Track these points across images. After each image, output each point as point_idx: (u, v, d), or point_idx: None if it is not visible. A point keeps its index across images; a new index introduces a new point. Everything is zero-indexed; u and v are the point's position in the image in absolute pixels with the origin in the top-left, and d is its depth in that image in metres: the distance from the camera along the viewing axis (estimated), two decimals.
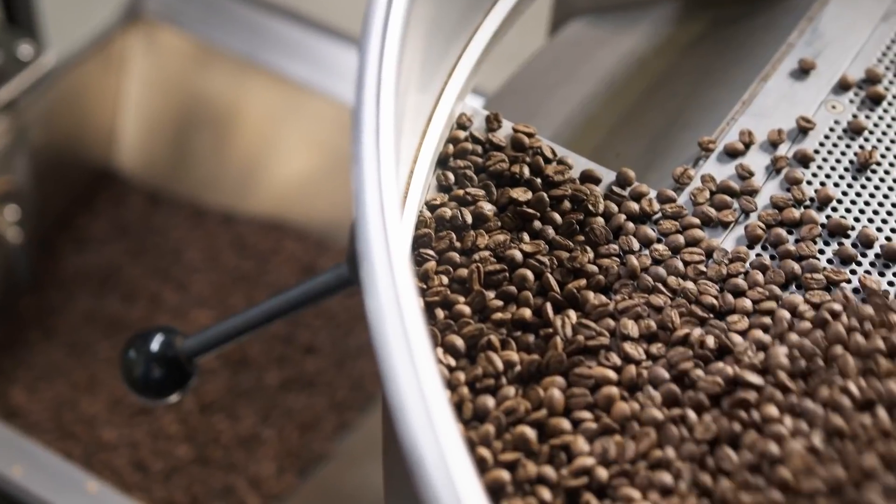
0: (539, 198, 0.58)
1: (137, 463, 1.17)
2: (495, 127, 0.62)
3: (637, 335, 0.54)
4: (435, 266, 0.56)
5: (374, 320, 0.43)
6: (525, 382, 0.52)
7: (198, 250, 1.35)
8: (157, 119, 1.40)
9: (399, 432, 0.40)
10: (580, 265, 0.56)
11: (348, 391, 1.23)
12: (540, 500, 0.49)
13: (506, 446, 0.50)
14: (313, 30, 1.32)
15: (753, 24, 0.73)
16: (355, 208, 0.46)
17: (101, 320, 1.29)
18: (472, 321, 0.54)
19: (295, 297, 0.73)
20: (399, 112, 0.50)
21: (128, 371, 0.75)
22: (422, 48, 0.56)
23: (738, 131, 0.63)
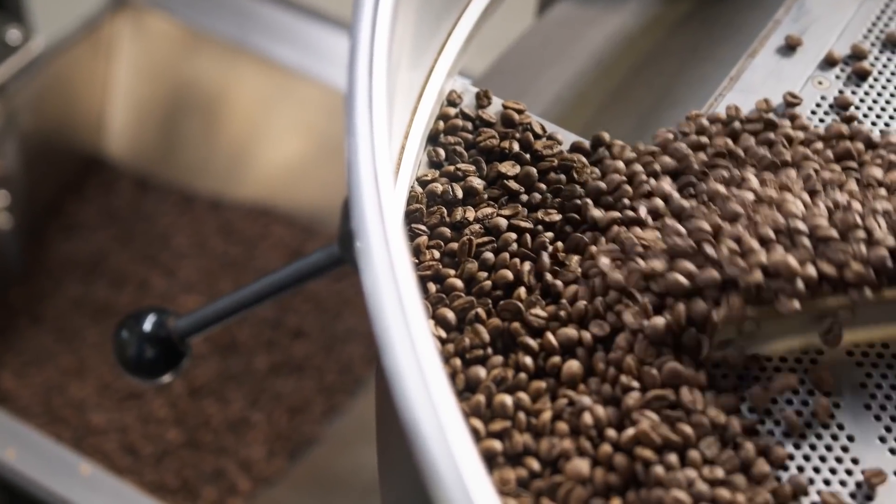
0: (527, 172, 0.59)
1: (127, 447, 1.18)
2: (485, 104, 0.62)
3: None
4: (426, 241, 0.56)
5: (370, 291, 0.43)
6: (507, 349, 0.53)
7: (186, 236, 1.35)
8: (145, 104, 1.40)
9: (398, 405, 0.41)
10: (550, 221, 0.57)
11: (337, 375, 1.24)
12: (530, 470, 0.49)
13: (494, 415, 0.50)
14: (302, 14, 1.32)
15: (740, 2, 0.73)
16: (349, 181, 0.46)
17: (89, 306, 1.30)
18: (462, 294, 0.54)
19: (286, 277, 0.73)
20: (391, 88, 0.50)
21: (120, 351, 0.75)
22: (412, 25, 0.56)
23: (726, 106, 0.63)
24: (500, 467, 0.49)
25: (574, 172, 0.59)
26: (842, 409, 0.53)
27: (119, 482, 0.99)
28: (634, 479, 0.49)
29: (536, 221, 0.57)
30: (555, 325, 0.53)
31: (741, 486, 0.49)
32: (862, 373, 0.54)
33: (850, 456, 0.51)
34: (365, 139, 0.47)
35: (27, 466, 0.98)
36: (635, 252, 0.54)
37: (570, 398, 0.51)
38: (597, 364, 0.52)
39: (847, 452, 0.51)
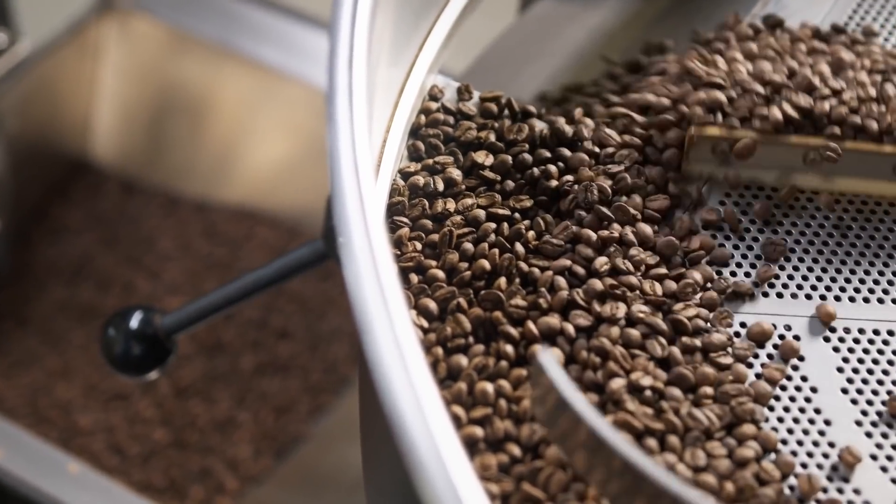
0: (502, 160, 0.59)
1: (114, 447, 1.18)
2: (466, 98, 0.63)
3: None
4: (408, 232, 0.57)
5: (351, 283, 0.44)
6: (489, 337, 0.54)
7: (170, 238, 1.36)
8: (132, 107, 1.41)
9: (379, 393, 0.41)
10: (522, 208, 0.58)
11: (322, 374, 1.24)
12: (511, 456, 0.50)
13: (476, 403, 0.51)
14: (287, 15, 1.33)
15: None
16: (331, 176, 0.47)
17: (74, 309, 1.30)
18: (444, 284, 0.55)
19: (271, 273, 0.74)
20: (371, 85, 0.51)
21: (107, 349, 0.76)
22: (391, 23, 0.57)
23: None
24: (482, 453, 0.50)
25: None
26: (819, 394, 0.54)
27: (108, 482, 0.99)
28: None
29: (512, 209, 0.58)
30: (535, 314, 0.54)
31: (725, 470, 0.50)
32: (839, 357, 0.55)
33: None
34: (346, 134, 0.47)
35: (16, 466, 0.99)
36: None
37: None
38: (579, 352, 0.53)
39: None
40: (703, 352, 0.54)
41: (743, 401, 0.52)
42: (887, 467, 0.51)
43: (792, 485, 0.51)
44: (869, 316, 0.56)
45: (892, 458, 0.52)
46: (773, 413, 0.53)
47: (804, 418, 0.53)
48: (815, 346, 0.55)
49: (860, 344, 0.55)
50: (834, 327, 0.56)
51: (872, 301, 0.57)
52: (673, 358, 0.53)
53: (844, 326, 0.56)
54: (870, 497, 0.50)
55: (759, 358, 0.54)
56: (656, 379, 0.52)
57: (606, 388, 0.51)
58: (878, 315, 0.56)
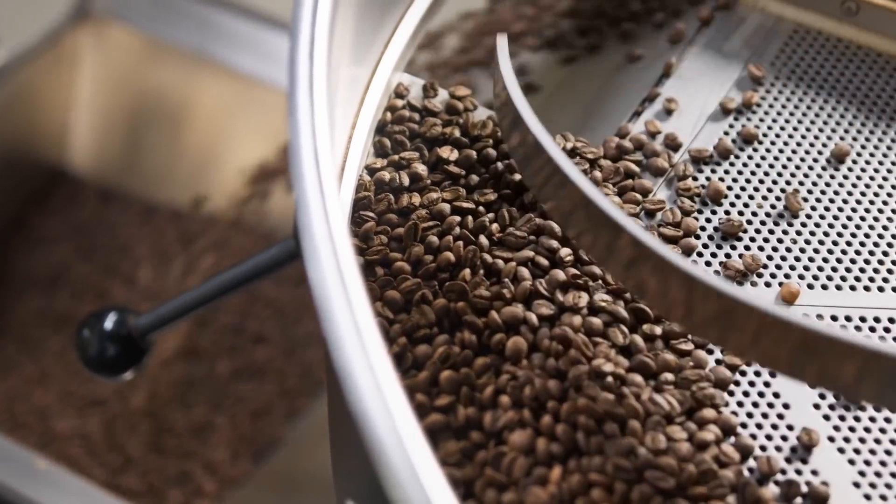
0: (466, 155, 0.60)
1: (92, 452, 1.18)
2: (431, 95, 0.64)
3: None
4: (375, 226, 0.58)
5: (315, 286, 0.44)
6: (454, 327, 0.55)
7: (147, 246, 1.36)
8: (109, 115, 1.41)
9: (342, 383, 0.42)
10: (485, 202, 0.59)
11: (298, 378, 1.25)
12: (474, 442, 0.51)
13: (441, 391, 0.52)
14: (262, 22, 1.34)
15: None
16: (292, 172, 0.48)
17: (51, 317, 1.30)
18: (409, 277, 0.56)
19: (244, 272, 0.74)
20: (333, 82, 0.52)
21: (83, 350, 0.76)
22: (354, 21, 0.58)
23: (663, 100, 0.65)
24: (446, 440, 0.51)
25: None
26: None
27: (85, 483, 1.00)
28: (576, 448, 0.50)
29: (476, 202, 0.59)
30: (499, 303, 0.55)
31: (685, 452, 0.51)
32: None
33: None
34: (306, 129, 0.48)
35: None
36: None
37: (513, 373, 0.52)
38: (541, 341, 0.54)
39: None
40: (665, 339, 0.55)
41: (703, 386, 0.53)
42: (844, 448, 0.52)
43: (751, 467, 0.51)
44: (827, 302, 0.57)
45: (849, 440, 0.53)
46: (733, 398, 0.54)
47: (763, 402, 0.54)
48: None
49: None
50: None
51: (830, 287, 0.58)
52: (634, 345, 0.54)
53: (803, 313, 0.57)
54: (827, 477, 0.51)
55: None
56: (618, 366, 0.53)
57: (569, 374, 0.52)
58: (836, 301, 0.57)
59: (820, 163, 0.63)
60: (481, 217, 0.58)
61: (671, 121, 0.65)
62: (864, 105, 0.67)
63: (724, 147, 0.63)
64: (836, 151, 0.64)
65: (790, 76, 0.67)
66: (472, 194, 0.60)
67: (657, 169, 0.62)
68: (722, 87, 0.66)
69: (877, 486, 0.51)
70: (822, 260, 0.59)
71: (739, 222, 0.60)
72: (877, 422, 0.53)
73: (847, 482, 0.51)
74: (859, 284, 0.58)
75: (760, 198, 0.61)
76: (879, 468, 0.52)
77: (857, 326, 0.56)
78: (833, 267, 0.59)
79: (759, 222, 0.60)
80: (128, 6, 1.36)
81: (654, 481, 0.49)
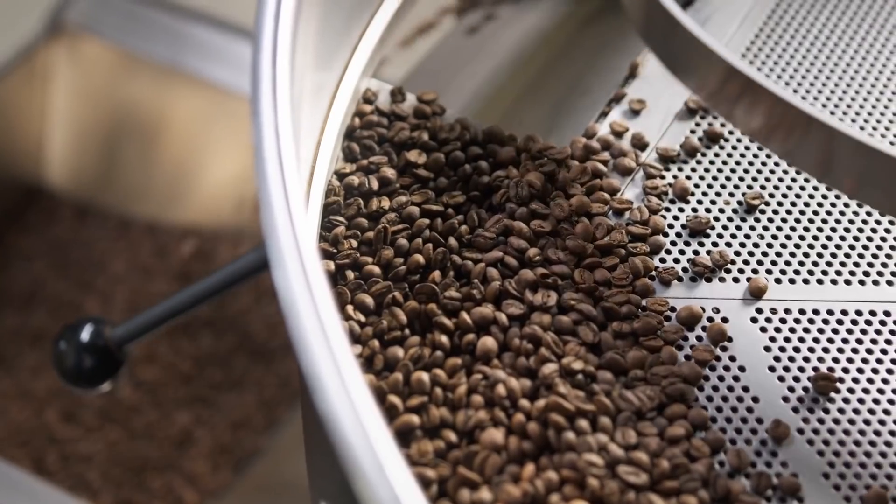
0: (435, 158, 0.61)
1: (71, 466, 1.18)
2: (399, 100, 0.64)
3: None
4: (344, 231, 0.58)
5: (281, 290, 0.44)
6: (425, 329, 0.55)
7: (123, 260, 1.36)
8: (84, 131, 1.41)
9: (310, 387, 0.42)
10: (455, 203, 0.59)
11: (276, 389, 1.25)
12: (447, 442, 0.51)
13: (412, 392, 0.52)
14: (235, 33, 1.34)
15: None
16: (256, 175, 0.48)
17: (27, 334, 1.30)
18: (380, 280, 0.56)
19: (220, 280, 0.75)
20: (297, 90, 0.52)
21: (59, 362, 0.76)
22: (318, 26, 0.58)
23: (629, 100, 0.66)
24: (419, 440, 0.51)
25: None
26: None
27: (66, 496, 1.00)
28: (548, 446, 0.51)
29: (445, 205, 0.59)
30: (469, 304, 0.55)
31: (656, 447, 0.51)
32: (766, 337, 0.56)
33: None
34: (270, 135, 0.48)
35: None
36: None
37: (485, 373, 0.53)
38: (511, 340, 0.54)
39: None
40: (634, 336, 0.55)
41: (673, 381, 0.53)
42: (813, 440, 0.53)
43: (722, 460, 0.52)
44: (794, 296, 0.58)
45: (818, 432, 0.53)
46: (703, 392, 0.54)
47: (733, 396, 0.54)
48: (742, 327, 0.56)
49: (786, 323, 0.57)
50: (761, 308, 0.57)
51: (798, 281, 0.58)
52: (604, 343, 0.55)
53: (771, 307, 0.57)
54: (797, 469, 0.52)
55: (689, 340, 0.56)
56: (587, 363, 0.53)
57: (539, 373, 0.53)
58: (804, 295, 0.58)
59: None
60: (450, 219, 0.59)
61: (638, 120, 0.65)
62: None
63: (691, 145, 0.64)
64: None
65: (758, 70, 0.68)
66: (441, 197, 0.60)
67: (625, 168, 0.62)
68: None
69: (846, 476, 0.52)
70: (788, 255, 0.59)
71: (706, 219, 0.60)
72: (845, 413, 0.54)
73: (817, 473, 0.52)
74: (826, 278, 0.59)
75: (727, 194, 0.62)
76: (848, 458, 0.52)
77: (824, 320, 0.57)
78: (800, 261, 0.59)
79: (727, 219, 0.61)
80: (101, 20, 1.36)
81: (625, 476, 0.50)
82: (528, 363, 0.53)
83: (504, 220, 0.58)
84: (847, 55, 0.70)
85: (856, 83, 0.69)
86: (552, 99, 0.72)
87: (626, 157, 0.63)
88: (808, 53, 0.70)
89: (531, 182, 0.59)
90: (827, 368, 0.55)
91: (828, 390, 0.54)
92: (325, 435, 0.43)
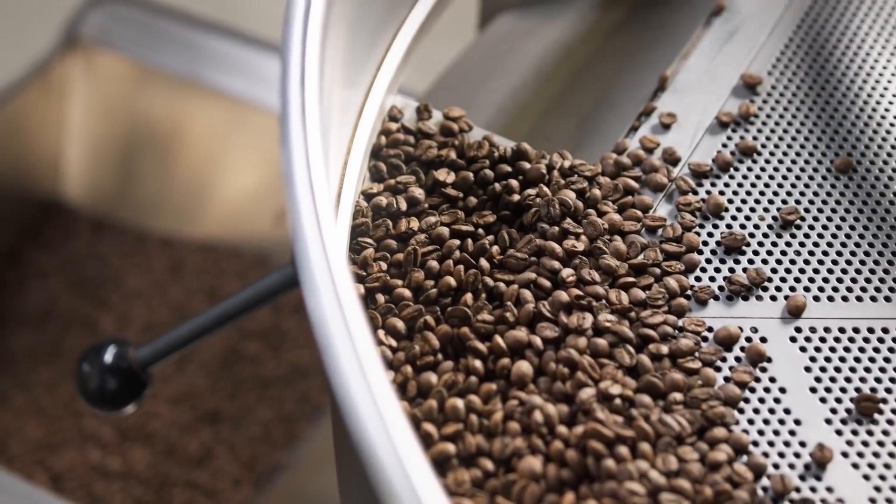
0: (463, 177, 0.60)
1: (89, 484, 1.18)
2: (426, 117, 0.63)
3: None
4: (373, 253, 0.57)
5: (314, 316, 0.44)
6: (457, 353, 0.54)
7: (139, 275, 1.35)
8: (100, 144, 1.40)
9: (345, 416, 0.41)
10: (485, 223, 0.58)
11: (295, 404, 1.24)
12: (484, 471, 0.50)
13: (447, 419, 0.51)
14: (251, 44, 1.33)
15: (673, 6, 0.74)
16: (287, 200, 0.47)
17: (42, 350, 1.29)
18: (411, 303, 0.55)
19: (244, 300, 0.74)
20: (326, 106, 0.51)
21: (82, 384, 0.75)
22: (345, 43, 0.57)
23: (659, 114, 0.65)
24: (455, 469, 0.50)
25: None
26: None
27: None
28: (587, 474, 0.50)
29: (475, 225, 0.58)
30: (503, 328, 0.54)
31: (698, 474, 0.50)
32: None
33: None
34: (300, 155, 0.47)
35: None
36: None
37: (520, 398, 0.52)
38: (547, 364, 0.53)
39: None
40: (671, 358, 0.54)
41: (713, 405, 0.52)
42: (858, 464, 0.52)
43: (765, 486, 0.51)
44: (833, 314, 0.57)
45: (862, 455, 0.52)
46: (744, 415, 0.53)
47: (774, 419, 0.53)
48: (782, 347, 0.55)
49: (826, 343, 0.55)
50: (800, 327, 0.56)
51: (836, 299, 0.57)
52: (641, 366, 0.53)
53: (810, 326, 0.56)
54: (843, 494, 0.51)
55: (727, 361, 0.55)
56: (625, 387, 0.52)
57: (576, 398, 0.52)
58: (843, 313, 0.57)
59: (820, 172, 0.63)
60: (481, 240, 0.58)
61: (668, 135, 0.64)
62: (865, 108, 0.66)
63: (724, 160, 0.63)
64: (838, 163, 0.63)
65: (789, 81, 0.67)
66: (470, 217, 0.59)
67: (657, 184, 0.61)
68: (718, 98, 0.66)
69: (893, 501, 0.51)
70: (826, 271, 0.58)
71: (742, 236, 0.59)
72: (890, 435, 0.53)
73: (863, 498, 0.51)
74: (865, 295, 0.58)
75: (762, 210, 0.61)
76: (895, 482, 0.51)
77: (865, 338, 0.56)
78: (838, 278, 0.58)
79: (762, 235, 0.60)
80: (116, 33, 1.36)
81: None
82: (564, 388, 0.52)
83: (536, 240, 0.57)
84: (880, 64, 0.69)
85: (889, 93, 0.67)
86: (578, 113, 0.70)
87: (657, 173, 0.62)
88: (839, 64, 0.69)
89: (563, 200, 0.58)
90: (869, 389, 0.54)
91: (871, 412, 0.53)
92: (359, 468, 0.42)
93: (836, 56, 0.69)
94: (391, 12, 0.64)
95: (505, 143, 0.62)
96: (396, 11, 0.65)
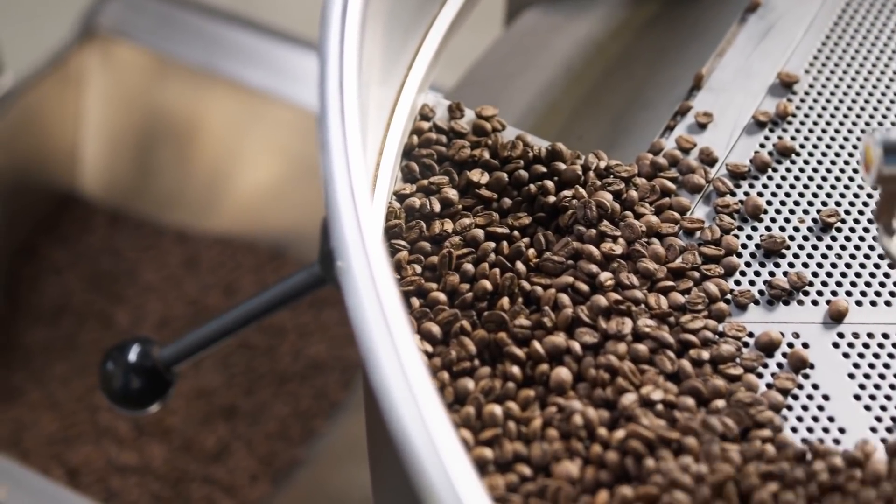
0: (497, 178, 0.59)
1: (105, 479, 1.17)
2: (458, 116, 0.62)
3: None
4: (407, 256, 0.56)
5: (353, 309, 0.43)
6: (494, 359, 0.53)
7: (154, 269, 1.34)
8: (118, 136, 1.40)
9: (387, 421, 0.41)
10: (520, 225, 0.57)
11: (312, 400, 1.23)
12: (520, 475, 0.49)
13: (484, 425, 0.50)
14: (269, 36, 1.32)
15: (705, 2, 0.73)
16: (326, 199, 0.46)
17: (57, 344, 1.29)
18: (446, 307, 0.54)
19: (269, 300, 0.73)
20: (363, 105, 0.50)
21: (106, 383, 0.75)
22: (381, 42, 0.56)
23: (695, 113, 0.64)
24: (490, 475, 0.49)
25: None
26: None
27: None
28: (625, 475, 0.49)
29: (510, 227, 0.57)
30: (540, 333, 0.53)
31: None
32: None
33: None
34: (340, 156, 0.47)
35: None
36: None
37: (559, 404, 0.51)
38: (586, 370, 0.52)
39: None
40: (712, 363, 0.53)
41: (760, 409, 0.51)
42: None
43: None
44: (876, 319, 0.56)
45: None
46: (787, 423, 0.52)
47: (818, 427, 0.52)
48: (824, 353, 0.54)
49: (870, 349, 0.55)
50: (842, 333, 0.55)
51: (879, 304, 0.56)
52: (683, 371, 0.52)
53: (853, 332, 0.55)
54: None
55: (769, 368, 0.54)
56: (668, 392, 0.51)
57: (618, 404, 0.51)
58: (886, 318, 0.56)
59: (860, 173, 0.62)
60: (517, 242, 0.57)
61: (705, 135, 0.63)
62: None
63: (762, 160, 0.62)
64: None
65: (827, 80, 0.66)
66: (505, 218, 0.58)
67: (694, 186, 0.60)
68: (755, 97, 0.65)
69: None
70: (868, 275, 0.57)
71: (782, 238, 0.58)
72: None
73: None
74: None
75: (801, 212, 0.60)
76: None
77: None
78: (881, 282, 0.57)
79: (802, 237, 0.59)
80: (134, 24, 1.35)
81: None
82: (604, 394, 0.51)
83: (573, 242, 0.56)
84: None
85: None
86: (611, 112, 0.69)
87: (694, 174, 0.61)
88: (878, 61, 0.68)
89: (600, 203, 0.57)
90: None
91: None
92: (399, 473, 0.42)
93: (874, 53, 0.68)
94: (423, 8, 0.63)
95: (539, 143, 0.61)
96: (428, 7, 0.64)
